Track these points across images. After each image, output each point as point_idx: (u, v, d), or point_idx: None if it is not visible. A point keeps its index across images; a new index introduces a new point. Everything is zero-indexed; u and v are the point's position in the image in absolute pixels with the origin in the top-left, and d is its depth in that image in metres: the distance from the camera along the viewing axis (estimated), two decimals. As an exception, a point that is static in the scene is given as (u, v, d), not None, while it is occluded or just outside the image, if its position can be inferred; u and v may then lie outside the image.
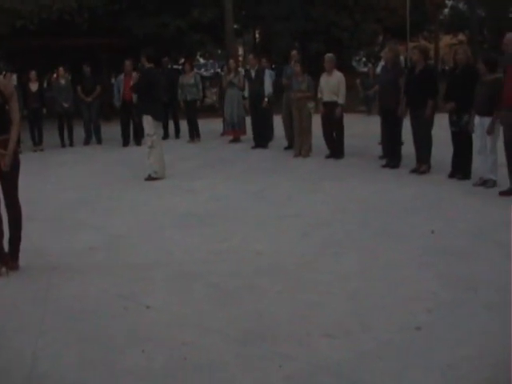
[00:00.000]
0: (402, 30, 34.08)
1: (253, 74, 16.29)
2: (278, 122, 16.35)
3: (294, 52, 15.74)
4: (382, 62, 14.93)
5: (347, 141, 14.18)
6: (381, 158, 13.27)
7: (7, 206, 6.89)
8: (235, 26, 30.96)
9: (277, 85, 16.14)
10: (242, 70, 18.14)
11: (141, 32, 26.82)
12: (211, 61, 48.37)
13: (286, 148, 15.50)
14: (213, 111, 22.10)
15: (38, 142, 18.11)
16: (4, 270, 6.86)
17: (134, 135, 17.97)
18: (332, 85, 13.80)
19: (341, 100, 13.70)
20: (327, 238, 7.89)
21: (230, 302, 5.91)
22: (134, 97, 14.75)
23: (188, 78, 18.25)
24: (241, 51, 46.44)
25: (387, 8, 35.20)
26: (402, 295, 5.90)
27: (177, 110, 18.91)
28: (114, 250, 7.79)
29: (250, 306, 5.81)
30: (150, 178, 12.30)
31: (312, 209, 9.53)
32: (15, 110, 6.72)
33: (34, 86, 18.05)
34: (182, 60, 33.89)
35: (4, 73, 17.57)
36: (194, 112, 18.31)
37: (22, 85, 18.44)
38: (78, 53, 26.63)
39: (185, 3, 27.70)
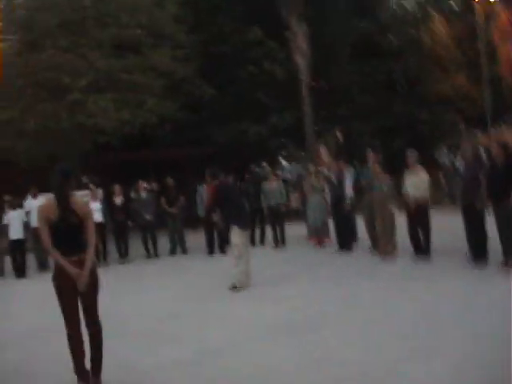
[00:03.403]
0: (482, 119, 33.71)
1: (333, 176, 16.27)
2: (360, 223, 16.17)
3: (370, 153, 15.63)
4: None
5: (432, 237, 13.87)
6: (467, 254, 12.90)
7: (87, 324, 6.93)
8: (316, 128, 31.18)
9: (357, 186, 15.99)
10: (324, 171, 18.10)
11: (221, 140, 27.26)
12: (293, 163, 48.68)
13: (370, 248, 15.29)
14: (297, 216, 22.08)
15: (123, 255, 18.45)
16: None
17: (219, 244, 18.09)
18: (415, 181, 13.67)
19: (423, 195, 13.53)
20: (417, 344, 7.61)
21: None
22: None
23: (271, 184, 18.40)
24: (323, 152, 46.52)
25: (466, 98, 35.00)
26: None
27: (264, 217, 18.97)
28: (202, 364, 7.68)
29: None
30: (235, 287, 12.21)
31: (400, 313, 9.26)
32: (91, 230, 6.83)
33: (118, 200, 18.53)
34: (264, 164, 34.25)
35: (89, 188, 18.09)
36: (280, 217, 18.37)
37: (108, 198, 18.93)
38: (162, 164, 27.25)
39: (263, 109, 28.15)
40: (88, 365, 6.94)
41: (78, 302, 6.83)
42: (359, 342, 7.93)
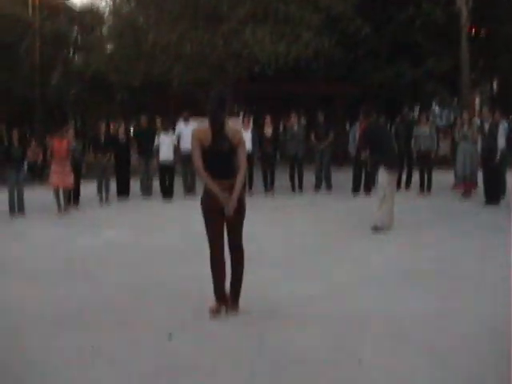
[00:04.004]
0: None
1: (486, 127, 15.79)
2: (510, 177, 15.61)
3: (525, 107, 15.08)
4: None
5: None
6: None
7: (231, 248, 7.07)
8: (472, 76, 30.36)
9: (510, 139, 15.43)
10: (477, 122, 17.64)
11: (375, 80, 26.92)
12: (447, 110, 47.62)
13: (518, 206, 14.77)
14: (445, 163, 21.65)
15: (269, 186, 18.59)
16: (223, 310, 7.03)
17: (364, 184, 18.00)
18: None
19: None
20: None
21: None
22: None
23: (423, 129, 18.05)
24: (477, 101, 45.33)
25: None
26: None
27: (412, 161, 18.73)
28: (334, 300, 7.72)
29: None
30: (376, 229, 12.16)
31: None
32: (242, 157, 6.91)
33: (268, 131, 18.62)
34: (417, 108, 33.64)
35: (242, 116, 18.20)
36: (429, 163, 18.03)
37: (257, 129, 19.05)
38: (313, 99, 27.22)
39: (420, 52, 27.56)
40: (228, 288, 7.12)
41: (224, 226, 6.98)
42: (491, 299, 7.68)
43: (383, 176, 12.19)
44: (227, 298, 7.07)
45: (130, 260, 10.26)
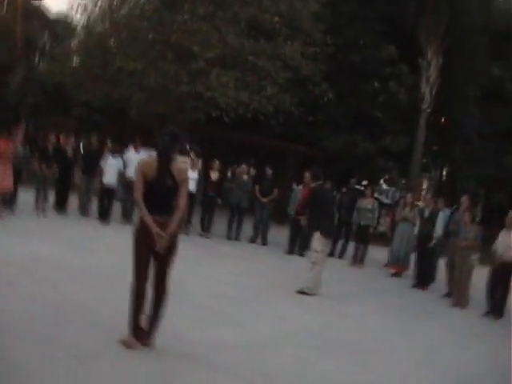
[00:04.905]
0: None
1: (427, 212, 16.12)
2: (443, 265, 15.87)
3: (464, 198, 15.45)
4: None
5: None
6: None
7: (156, 284, 7.02)
8: (424, 161, 30.85)
9: (446, 228, 15.74)
10: (419, 205, 17.94)
11: (330, 146, 27.23)
12: (393, 188, 48.26)
13: (444, 295, 15.00)
14: (382, 240, 21.88)
15: (206, 229, 18.57)
16: (138, 345, 6.92)
17: (299, 245, 18.06)
18: (508, 241, 13.29)
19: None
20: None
21: None
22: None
23: (366, 203, 18.34)
24: (425, 185, 46.08)
25: None
26: None
27: (350, 232, 19.02)
28: (247, 351, 7.71)
29: None
30: (302, 292, 12.15)
31: (448, 361, 9.04)
32: (183, 196, 6.92)
33: (214, 175, 18.70)
34: (364, 182, 34.07)
35: (192, 156, 18.10)
36: (365, 237, 18.31)
37: (205, 171, 19.06)
38: (266, 153, 27.39)
39: (378, 127, 27.99)
40: (143, 323, 7.03)
41: (152, 261, 6.95)
42: (403, 375, 7.85)
43: (318, 241, 12.26)
44: (141, 331, 6.99)
45: (54, 276, 10.06)
